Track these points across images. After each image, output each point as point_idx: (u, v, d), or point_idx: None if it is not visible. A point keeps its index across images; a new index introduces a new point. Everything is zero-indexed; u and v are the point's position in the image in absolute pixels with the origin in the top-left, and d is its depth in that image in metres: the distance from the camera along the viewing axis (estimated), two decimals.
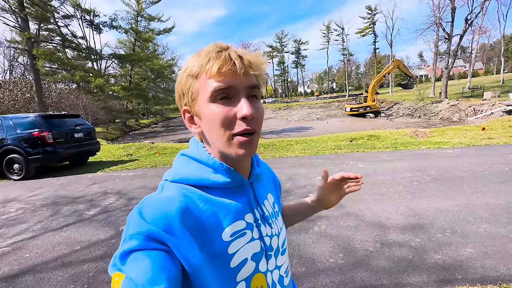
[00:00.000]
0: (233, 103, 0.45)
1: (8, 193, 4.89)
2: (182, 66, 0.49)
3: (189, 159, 0.51)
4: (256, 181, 0.57)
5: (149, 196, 0.45)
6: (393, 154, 6.01)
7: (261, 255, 0.51)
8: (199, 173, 0.48)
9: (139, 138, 18.67)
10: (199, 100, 0.47)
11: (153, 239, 0.38)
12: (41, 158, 5.97)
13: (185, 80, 0.47)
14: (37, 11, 14.72)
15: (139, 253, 0.36)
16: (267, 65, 0.50)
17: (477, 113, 16.17)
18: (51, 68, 20.53)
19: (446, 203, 3.13)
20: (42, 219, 3.46)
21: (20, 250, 2.66)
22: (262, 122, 0.50)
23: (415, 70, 62.99)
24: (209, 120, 0.46)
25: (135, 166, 6.69)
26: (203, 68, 0.45)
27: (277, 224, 0.58)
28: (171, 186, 0.47)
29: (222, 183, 0.48)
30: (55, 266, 2.35)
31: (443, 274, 1.92)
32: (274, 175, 0.71)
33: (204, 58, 0.45)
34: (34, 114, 6.27)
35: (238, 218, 0.49)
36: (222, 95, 0.44)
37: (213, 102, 0.45)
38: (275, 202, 0.62)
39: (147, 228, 0.38)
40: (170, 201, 0.43)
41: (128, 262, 0.36)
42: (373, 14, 48.43)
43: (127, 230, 0.40)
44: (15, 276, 2.23)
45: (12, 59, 29.01)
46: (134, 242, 0.37)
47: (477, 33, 28.59)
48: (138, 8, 27.08)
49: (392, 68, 24.01)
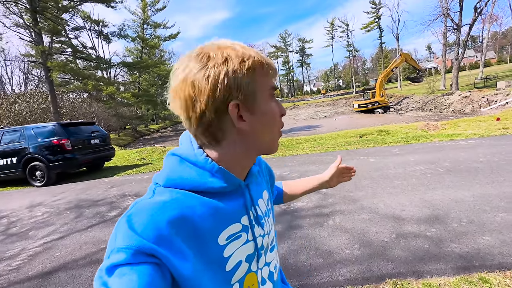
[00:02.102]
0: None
1: (33, 198, 5.15)
2: (228, 55, 0.43)
3: (182, 161, 0.47)
4: (252, 181, 0.56)
5: (139, 201, 0.42)
6: (404, 148, 5.96)
7: (253, 256, 0.51)
8: (194, 177, 0.45)
9: (150, 143, 19.08)
10: (257, 96, 0.45)
11: (143, 253, 0.35)
12: (61, 164, 6.25)
13: (245, 73, 0.43)
14: (50, 24, 15.34)
15: (127, 268, 0.34)
16: None
17: (491, 104, 15.70)
18: (64, 79, 21.29)
19: (461, 193, 3.12)
20: (67, 221, 3.65)
21: (50, 250, 2.83)
22: None
23: (424, 63, 61.55)
24: (269, 117, 0.47)
25: (149, 169, 6.90)
26: (264, 66, 0.45)
27: (268, 222, 0.57)
28: (164, 190, 0.44)
29: (219, 187, 0.46)
30: (84, 263, 2.50)
31: (461, 262, 1.94)
32: (267, 166, 0.71)
33: (257, 55, 0.45)
34: (53, 123, 6.56)
35: (234, 221, 0.48)
36: (274, 93, 0.49)
37: (272, 101, 0.48)
38: (269, 199, 0.62)
39: (137, 242, 0.35)
40: (162, 208, 0.40)
41: (114, 277, 0.34)
42: (377, 8, 47.73)
43: (114, 240, 0.37)
44: (49, 273, 2.39)
45: (27, 71, 30.25)
46: (121, 255, 0.35)
47: (488, 21, 27.71)
48: (144, 17, 27.76)
49: (399, 62, 23.61)
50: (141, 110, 30.74)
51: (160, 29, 29.47)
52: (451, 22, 23.85)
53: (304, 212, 3.10)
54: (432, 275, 1.84)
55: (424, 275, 1.85)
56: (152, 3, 28.21)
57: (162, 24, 28.99)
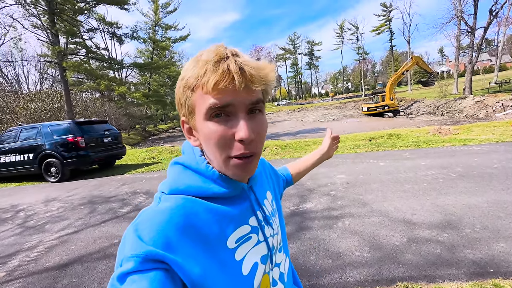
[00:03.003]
0: (230, 121, 0.41)
1: (49, 193, 5.33)
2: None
3: (185, 169, 0.48)
4: (255, 182, 0.55)
5: (145, 210, 0.42)
6: (415, 152, 5.87)
7: (267, 257, 0.50)
8: (198, 183, 0.46)
9: (159, 143, 19.38)
10: (196, 114, 0.43)
11: (151, 260, 0.36)
12: (75, 161, 6.44)
13: (182, 91, 0.44)
14: (66, 26, 15.86)
15: (137, 275, 0.35)
16: (275, 72, 0.45)
17: (506, 109, 15.25)
18: (78, 79, 21.91)
19: (475, 199, 3.06)
20: (81, 216, 3.77)
21: (66, 243, 2.93)
22: (264, 138, 0.46)
23: (436, 66, 60.30)
24: (206, 138, 0.43)
25: (159, 168, 7.02)
26: (199, 81, 0.41)
27: (276, 222, 0.57)
28: (170, 198, 0.44)
29: (223, 193, 0.46)
30: (98, 257, 2.58)
31: (474, 268, 1.91)
32: (271, 168, 0.71)
33: (200, 68, 0.40)
34: (68, 121, 6.79)
35: (242, 223, 0.48)
36: (219, 112, 0.41)
37: (209, 120, 0.42)
38: (273, 200, 0.61)
39: (145, 250, 0.36)
40: (168, 215, 0.40)
41: (126, 285, 0.35)
42: (388, 11, 47.17)
43: (123, 250, 0.38)
44: (65, 265, 2.48)
45: (43, 71, 31.29)
46: (130, 264, 0.35)
47: (504, 24, 26.95)
48: (155, 19, 28.28)
49: (410, 66, 23.19)
50: (151, 110, 31.28)
51: (171, 30, 29.95)
52: (464, 25, 23.33)
53: (314, 214, 3.10)
54: (444, 279, 1.83)
55: (436, 279, 1.83)
56: (164, 6, 28.74)
57: (173, 26, 29.47)
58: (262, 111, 0.45)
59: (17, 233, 3.36)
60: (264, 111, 0.47)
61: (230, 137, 0.41)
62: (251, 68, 0.40)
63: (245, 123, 0.41)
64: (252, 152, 0.43)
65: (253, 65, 0.41)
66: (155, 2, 28.02)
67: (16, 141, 6.78)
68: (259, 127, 0.44)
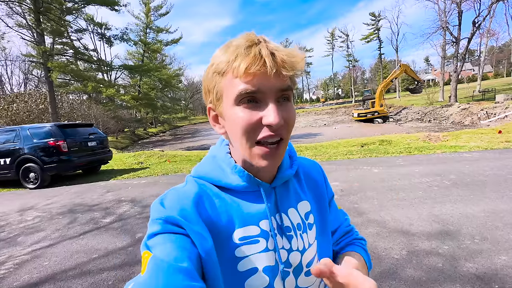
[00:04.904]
0: (259, 108, 0.41)
1: (25, 201, 4.96)
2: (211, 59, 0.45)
3: (212, 156, 0.51)
4: (285, 185, 0.51)
5: (172, 189, 0.47)
6: (407, 159, 5.87)
7: (276, 271, 0.46)
8: (216, 172, 0.48)
9: (148, 147, 18.89)
10: (224, 100, 0.43)
11: (171, 223, 0.40)
12: (56, 166, 6.08)
13: (211, 77, 0.44)
14: (53, 26, 15.36)
15: (162, 236, 0.39)
16: (305, 61, 0.45)
17: (490, 116, 15.78)
18: (64, 80, 21.22)
19: (471, 208, 3.01)
20: (59, 227, 3.48)
21: (39, 258, 2.66)
22: (292, 128, 0.45)
23: (422, 75, 62.36)
24: (233, 124, 0.43)
25: (146, 174, 6.74)
26: (229, 66, 0.40)
27: (302, 238, 0.50)
28: (192, 180, 0.49)
29: (237, 186, 0.47)
30: (74, 274, 2.34)
31: (478, 284, 1.81)
32: (327, 183, 0.61)
33: (232, 54, 0.40)
34: (50, 124, 6.43)
35: (251, 222, 0.46)
36: (248, 98, 0.40)
37: (238, 105, 0.41)
38: (310, 213, 0.53)
39: (165, 214, 0.41)
40: (187, 194, 0.45)
41: (154, 243, 0.39)
42: (377, 20, 48.55)
43: (151, 216, 0.43)
44: (35, 284, 2.23)
45: (27, 72, 30.18)
46: (156, 226, 0.40)
47: (485, 36, 28.20)
48: (147, 21, 27.96)
49: (399, 73, 23.80)
50: (141, 113, 30.63)
51: (163, 33, 29.69)
52: (450, 35, 24.25)
53: None
54: None
55: None
56: (156, 8, 28.50)
57: (165, 29, 29.21)
58: (290, 99, 0.45)
59: None
60: (292, 99, 0.46)
61: (258, 122, 0.41)
62: (282, 53, 0.40)
63: (275, 108, 0.41)
64: (280, 136, 0.42)
65: (284, 51, 0.41)
66: (147, 5, 27.76)
67: None
68: (288, 114, 0.43)
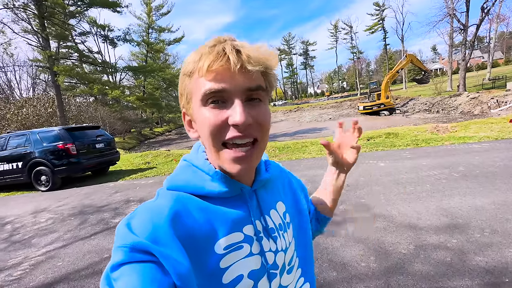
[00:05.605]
0: (226, 107, 0.39)
1: (38, 203, 5.12)
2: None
3: (188, 165, 0.48)
4: (263, 188, 0.50)
5: (143, 205, 0.42)
6: (415, 152, 5.78)
7: (261, 273, 0.45)
8: (195, 181, 0.45)
9: (155, 146, 19.12)
10: (193, 102, 0.42)
11: (139, 250, 0.35)
12: (66, 169, 6.23)
13: (181, 79, 0.43)
14: (57, 30, 15.57)
15: (127, 267, 0.34)
16: (277, 59, 0.42)
17: (501, 105, 15.34)
18: (70, 83, 21.57)
19: (481, 200, 2.95)
20: (71, 228, 3.58)
21: (53, 259, 2.75)
22: (268, 129, 0.43)
23: (429, 64, 60.86)
24: (201, 125, 0.41)
25: (153, 173, 6.84)
26: (195, 66, 0.39)
27: (285, 238, 0.50)
28: (166, 193, 0.44)
29: (219, 192, 0.44)
30: (87, 274, 2.41)
31: (488, 278, 1.79)
32: (291, 179, 0.62)
33: (197, 54, 0.39)
34: (58, 128, 6.57)
35: (235, 229, 0.44)
36: (214, 97, 0.39)
37: (205, 106, 0.40)
38: (286, 212, 0.54)
39: (132, 240, 0.35)
40: (160, 210, 0.40)
41: (118, 275, 0.34)
42: (381, 10, 47.46)
43: (115, 242, 0.38)
44: (50, 284, 2.31)
45: (35, 76, 30.77)
46: (120, 255, 0.35)
47: (495, 21, 27.26)
48: (149, 21, 28.03)
49: (405, 64, 23.26)
50: (146, 113, 30.94)
51: (165, 33, 29.69)
52: (457, 22, 23.53)
53: None
54: None
55: None
56: (157, 8, 28.51)
57: (167, 28, 29.22)
58: (264, 101, 0.42)
59: (1, 249, 3.17)
60: (267, 102, 0.43)
61: (224, 122, 0.39)
62: (248, 49, 0.38)
63: (241, 106, 0.38)
64: (249, 137, 0.40)
65: (251, 48, 0.39)
66: (148, 5, 27.79)
67: (4, 149, 6.55)
68: (258, 114, 0.40)
